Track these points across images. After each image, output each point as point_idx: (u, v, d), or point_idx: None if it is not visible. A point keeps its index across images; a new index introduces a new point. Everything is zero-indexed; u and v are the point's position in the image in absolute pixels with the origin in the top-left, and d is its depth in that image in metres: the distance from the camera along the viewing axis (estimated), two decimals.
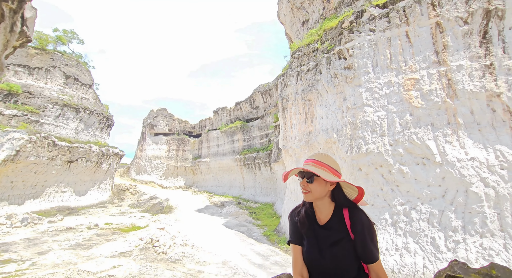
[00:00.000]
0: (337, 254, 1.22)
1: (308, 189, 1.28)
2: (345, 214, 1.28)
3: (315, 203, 1.34)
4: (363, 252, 1.22)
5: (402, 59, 9.81)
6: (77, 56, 32.45)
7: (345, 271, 1.21)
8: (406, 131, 9.46)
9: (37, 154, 21.26)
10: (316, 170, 1.24)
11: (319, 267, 1.24)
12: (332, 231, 1.27)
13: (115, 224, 17.68)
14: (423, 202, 8.87)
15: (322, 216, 1.32)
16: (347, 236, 1.24)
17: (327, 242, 1.25)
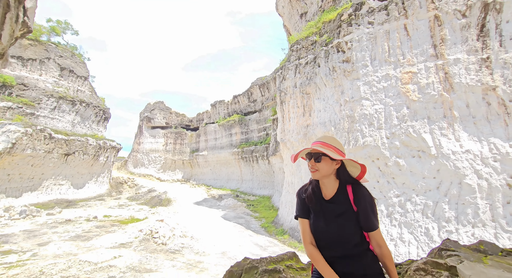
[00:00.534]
0: (341, 224, 1.36)
1: (316, 168, 1.41)
2: (349, 190, 1.42)
3: (321, 181, 1.47)
4: (365, 222, 1.36)
5: (400, 52, 9.84)
6: (71, 48, 31.88)
7: (348, 239, 1.35)
8: (402, 124, 9.59)
9: (34, 147, 21.12)
10: (323, 149, 1.38)
11: (325, 236, 1.38)
12: (337, 204, 1.41)
13: (114, 216, 17.80)
14: (418, 194, 9.08)
15: (328, 192, 1.46)
16: (350, 208, 1.38)
17: (333, 214, 1.39)
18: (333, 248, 1.37)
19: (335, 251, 1.37)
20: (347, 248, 1.36)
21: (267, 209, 21.45)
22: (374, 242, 1.39)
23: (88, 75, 31.95)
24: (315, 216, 1.43)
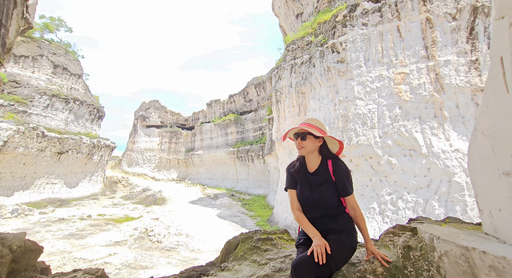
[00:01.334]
0: (322, 191, 1.64)
1: (302, 145, 1.67)
2: (329, 164, 1.68)
3: (307, 156, 1.74)
4: (341, 188, 1.63)
5: (393, 53, 10.06)
6: (65, 45, 31.46)
7: (327, 202, 1.63)
8: (395, 124, 9.81)
9: (26, 145, 20.83)
10: (308, 129, 1.64)
11: (309, 201, 1.66)
12: (319, 175, 1.68)
13: (108, 215, 17.69)
14: (409, 192, 9.31)
15: (312, 166, 1.73)
16: (330, 179, 1.65)
17: (316, 183, 1.66)
18: (315, 211, 1.64)
19: (317, 212, 1.64)
20: (326, 210, 1.62)
21: (262, 208, 21.58)
22: (349, 206, 1.66)
23: (82, 73, 31.59)
24: (301, 186, 1.70)
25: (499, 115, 1.33)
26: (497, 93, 1.33)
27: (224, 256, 2.12)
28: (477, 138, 1.52)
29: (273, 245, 2.00)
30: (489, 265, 1.13)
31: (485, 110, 1.47)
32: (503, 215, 1.32)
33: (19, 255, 1.39)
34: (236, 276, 1.71)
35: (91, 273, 1.45)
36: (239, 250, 2.04)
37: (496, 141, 1.34)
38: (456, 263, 1.31)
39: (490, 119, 1.41)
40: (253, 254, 1.92)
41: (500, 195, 1.32)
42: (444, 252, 1.40)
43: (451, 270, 1.35)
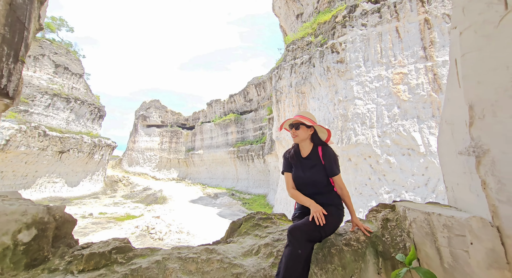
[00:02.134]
0: (314, 172, 1.92)
1: (296, 134, 1.95)
2: (319, 149, 1.97)
3: (300, 144, 2.03)
4: (329, 170, 1.91)
5: (392, 54, 10.18)
6: (66, 45, 31.62)
7: (318, 181, 1.90)
8: (393, 123, 9.92)
9: (28, 144, 20.98)
10: (301, 119, 1.94)
11: (303, 181, 1.94)
12: (311, 159, 1.97)
13: (110, 213, 17.83)
14: (407, 190, 9.42)
15: (305, 151, 2.02)
16: (319, 162, 1.94)
17: (308, 166, 1.95)
18: (308, 188, 1.92)
19: (309, 190, 1.91)
20: (317, 188, 1.90)
21: (262, 207, 21.69)
22: (337, 185, 1.93)
23: (83, 72, 31.74)
24: (296, 169, 1.98)
25: (455, 106, 1.56)
26: (453, 88, 1.58)
27: (229, 234, 2.36)
28: (442, 126, 1.79)
29: (273, 223, 2.26)
30: (442, 224, 1.40)
31: (446, 102, 1.74)
32: (459, 188, 1.58)
33: (60, 223, 1.63)
34: (241, 245, 1.95)
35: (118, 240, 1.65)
36: (243, 227, 2.30)
37: (454, 127, 1.58)
38: (421, 226, 1.60)
39: (449, 109, 1.67)
40: (255, 230, 2.17)
41: (457, 171, 1.57)
42: (412, 219, 1.69)
43: (417, 233, 1.63)
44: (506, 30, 1.16)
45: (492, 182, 1.23)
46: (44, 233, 1.50)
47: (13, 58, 2.09)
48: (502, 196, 1.18)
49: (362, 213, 10.04)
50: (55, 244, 1.58)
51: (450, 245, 1.36)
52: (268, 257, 1.80)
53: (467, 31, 1.38)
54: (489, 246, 1.21)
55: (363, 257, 1.75)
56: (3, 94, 2.13)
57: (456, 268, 1.33)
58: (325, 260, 1.72)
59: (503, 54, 1.17)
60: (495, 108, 1.21)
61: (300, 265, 1.49)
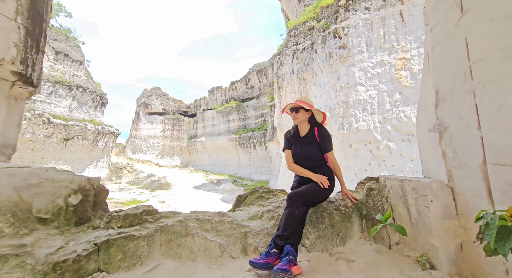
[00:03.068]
0: (310, 148, 2.23)
1: (296, 117, 2.25)
2: (315, 130, 2.28)
3: (299, 125, 2.34)
4: (323, 146, 2.22)
5: (395, 38, 10.11)
6: (65, 31, 31.18)
7: (314, 156, 2.21)
8: (394, 109, 10.03)
9: (33, 131, 21.30)
10: (301, 104, 2.24)
11: (300, 156, 2.25)
12: (308, 138, 2.28)
13: (116, 198, 18.39)
14: (406, 175, 9.69)
15: (303, 131, 2.33)
16: (315, 140, 2.25)
17: (305, 143, 2.27)
18: (305, 162, 2.24)
19: (306, 164, 2.23)
20: (313, 162, 2.22)
21: None
22: (330, 160, 2.25)
23: (83, 59, 31.51)
24: (295, 146, 2.31)
25: (427, 91, 1.82)
26: (426, 76, 1.85)
27: (236, 206, 2.66)
28: (419, 108, 2.11)
29: (274, 195, 2.60)
30: (412, 187, 1.73)
31: (422, 88, 2.05)
32: (429, 160, 1.90)
33: (97, 191, 1.95)
34: (247, 212, 2.26)
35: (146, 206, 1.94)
36: (248, 199, 2.61)
37: (426, 108, 1.86)
38: (396, 191, 1.94)
39: (423, 94, 1.98)
40: (259, 201, 2.49)
41: (428, 146, 1.86)
42: (390, 186, 2.03)
43: (393, 197, 1.99)
44: (461, 29, 1.40)
45: (449, 152, 1.52)
46: (87, 198, 1.79)
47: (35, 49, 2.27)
48: (455, 162, 1.49)
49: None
50: (95, 208, 1.88)
51: (416, 204, 1.67)
52: (270, 220, 2.11)
53: (435, 28, 1.64)
54: (444, 202, 1.53)
55: (349, 219, 2.09)
56: (28, 82, 2.33)
57: (419, 221, 1.65)
58: (318, 221, 2.07)
59: (459, 49, 1.42)
60: (453, 92, 1.48)
61: (296, 221, 1.80)
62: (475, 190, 1.34)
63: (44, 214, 1.58)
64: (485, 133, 1.25)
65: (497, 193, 1.20)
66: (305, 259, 1.78)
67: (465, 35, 1.37)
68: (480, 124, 1.28)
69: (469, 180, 1.38)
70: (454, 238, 1.47)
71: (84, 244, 1.43)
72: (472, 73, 1.32)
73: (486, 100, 1.24)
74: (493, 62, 1.21)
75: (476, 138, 1.30)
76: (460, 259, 1.44)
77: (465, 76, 1.37)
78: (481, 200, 1.29)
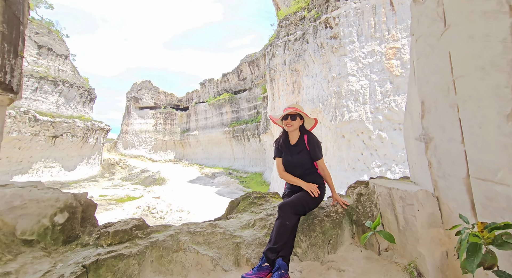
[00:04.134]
0: (300, 157, 2.23)
1: (292, 124, 2.21)
2: (305, 137, 2.27)
3: (290, 133, 2.30)
4: (313, 154, 2.22)
5: (386, 27, 10.05)
6: (47, 23, 29.82)
7: (303, 164, 2.21)
8: (386, 99, 10.10)
9: (19, 129, 20.69)
10: (298, 111, 2.21)
11: (291, 164, 2.25)
12: (298, 146, 2.27)
13: (110, 195, 18.27)
14: (397, 164, 9.89)
15: (293, 139, 2.31)
16: (305, 148, 2.24)
17: (295, 152, 2.26)
18: (295, 170, 2.24)
19: (296, 172, 2.23)
20: (303, 170, 2.22)
21: (259, 185, 22.42)
22: (320, 167, 2.25)
23: (68, 53, 30.37)
24: (285, 154, 2.29)
25: (413, 100, 1.86)
26: (412, 85, 1.89)
27: (228, 212, 2.68)
28: (406, 115, 2.16)
29: (266, 201, 2.61)
30: (399, 196, 1.76)
31: (408, 96, 2.09)
32: (416, 166, 1.93)
33: (85, 207, 1.93)
34: (239, 220, 2.27)
35: (135, 219, 1.91)
36: (240, 205, 2.63)
37: (412, 117, 1.89)
38: (384, 199, 1.96)
39: (410, 102, 2.02)
40: (251, 207, 2.51)
41: (415, 153, 1.90)
42: (379, 193, 2.06)
43: (382, 204, 2.01)
44: (445, 43, 1.41)
45: (434, 162, 1.56)
46: (74, 215, 1.76)
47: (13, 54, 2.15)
48: (440, 172, 1.52)
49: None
50: (83, 224, 1.86)
51: (404, 212, 1.71)
52: (262, 229, 2.12)
53: (420, 39, 1.66)
54: (430, 211, 1.57)
55: (340, 225, 2.11)
56: (7, 89, 2.22)
57: (407, 229, 1.69)
58: (309, 228, 2.07)
59: (442, 62, 1.43)
60: (437, 104, 1.51)
61: (288, 233, 1.80)
62: (459, 201, 1.38)
63: (29, 236, 1.54)
64: (468, 147, 1.28)
65: (479, 206, 1.24)
66: (297, 269, 1.80)
67: (449, 49, 1.38)
68: (464, 138, 1.30)
69: (453, 191, 1.42)
70: (440, 246, 1.51)
71: (72, 266, 1.40)
72: (456, 87, 1.33)
73: (468, 115, 1.27)
74: (473, 79, 1.23)
75: (460, 151, 1.33)
76: (446, 266, 1.49)
77: (448, 90, 1.39)
78: (464, 211, 1.33)
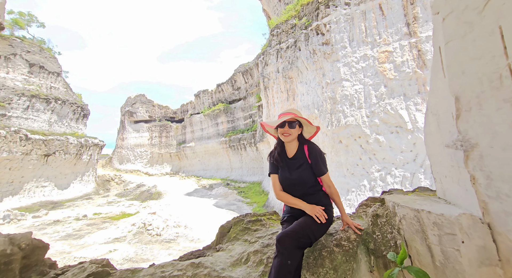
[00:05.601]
0: (300, 173, 1.82)
1: (290, 133, 1.82)
2: (305, 148, 1.87)
3: (287, 143, 1.90)
4: (316, 168, 1.82)
5: (377, 32, 10.09)
6: (39, 42, 29.84)
7: (305, 182, 1.82)
8: (381, 102, 10.01)
9: (9, 149, 20.15)
10: (296, 117, 1.81)
11: (289, 182, 1.85)
12: (297, 159, 1.87)
13: (104, 213, 17.63)
14: (397, 167, 9.67)
15: (291, 151, 1.91)
16: (306, 161, 1.84)
17: (294, 166, 1.85)
18: (295, 190, 1.83)
19: (296, 191, 1.83)
20: (305, 188, 1.81)
21: (258, 194, 21.96)
22: (325, 184, 1.85)
23: (60, 71, 30.24)
24: (282, 170, 1.88)
25: (440, 96, 1.47)
26: (438, 77, 1.49)
27: (219, 239, 2.27)
28: (428, 116, 1.71)
29: (262, 225, 2.18)
30: (432, 222, 1.36)
31: (431, 92, 1.65)
32: (448, 180, 1.52)
33: (28, 252, 1.54)
34: (230, 254, 1.87)
35: (96, 262, 1.55)
36: (232, 232, 2.21)
37: (440, 118, 1.50)
38: (411, 223, 1.53)
39: (435, 99, 1.58)
40: (244, 235, 2.09)
41: (445, 164, 1.50)
42: (402, 216, 1.62)
43: (408, 230, 1.57)
44: (490, 16, 1.07)
45: (481, 177, 1.17)
46: (8, 266, 1.38)
47: None
48: (491, 191, 1.13)
49: (355, 192, 10.31)
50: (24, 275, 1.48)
51: (441, 243, 1.32)
52: (258, 266, 1.72)
53: (450, 17, 1.30)
54: (480, 243, 1.18)
55: (355, 256, 1.70)
56: None
57: (448, 266, 1.30)
58: (316, 263, 1.67)
59: (487, 42, 1.09)
60: (481, 100, 1.14)
61: (290, 275, 1.44)
62: None
63: None
64: None
65: None
66: None
67: (498, 23, 1.02)
68: None
69: None
70: None
71: None
72: None
73: None
74: None
75: None
76: None
77: (500, 79, 1.04)
78: None
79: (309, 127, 1.93)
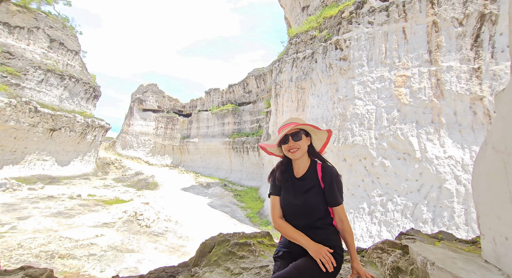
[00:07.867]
0: (308, 198, 1.45)
1: (297, 147, 1.47)
2: (318, 168, 1.50)
3: (295, 161, 1.54)
4: (330, 196, 1.45)
5: (397, 55, 9.95)
6: (63, 19, 30.43)
7: (312, 210, 1.45)
8: (392, 126, 9.80)
9: (17, 119, 20.40)
10: (301, 126, 1.47)
11: (292, 208, 1.49)
12: (306, 181, 1.50)
13: (98, 196, 17.63)
14: (399, 195, 9.41)
15: (300, 170, 1.53)
16: (318, 184, 1.47)
17: (302, 189, 1.48)
18: (300, 220, 1.46)
19: (300, 221, 1.46)
20: (311, 219, 1.45)
21: (254, 200, 21.73)
22: (337, 217, 1.48)
23: (79, 49, 30.76)
24: (285, 192, 1.53)
25: None
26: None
27: (198, 258, 1.98)
28: (486, 152, 1.30)
29: (250, 252, 1.83)
30: None
31: (499, 121, 1.25)
32: (508, 244, 1.13)
33: None
34: None
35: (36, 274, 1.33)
36: (214, 253, 1.90)
37: (510, 157, 1.12)
38: None
39: (503, 131, 1.20)
40: (227, 261, 1.77)
41: (507, 221, 1.13)
42: None
43: None
44: None
45: None
46: None
47: None
48: None
49: (353, 214, 10.05)
50: None
51: None
52: None
53: None
54: None
55: None
56: None
57: None
58: None
59: None
60: None
61: None
62: None
63: None
64: None
65: None
66: None
67: None
68: None
69: None
70: None
71: None
72: None
73: None
74: None
75: None
76: None
77: None
78: None
79: (318, 133, 1.55)
